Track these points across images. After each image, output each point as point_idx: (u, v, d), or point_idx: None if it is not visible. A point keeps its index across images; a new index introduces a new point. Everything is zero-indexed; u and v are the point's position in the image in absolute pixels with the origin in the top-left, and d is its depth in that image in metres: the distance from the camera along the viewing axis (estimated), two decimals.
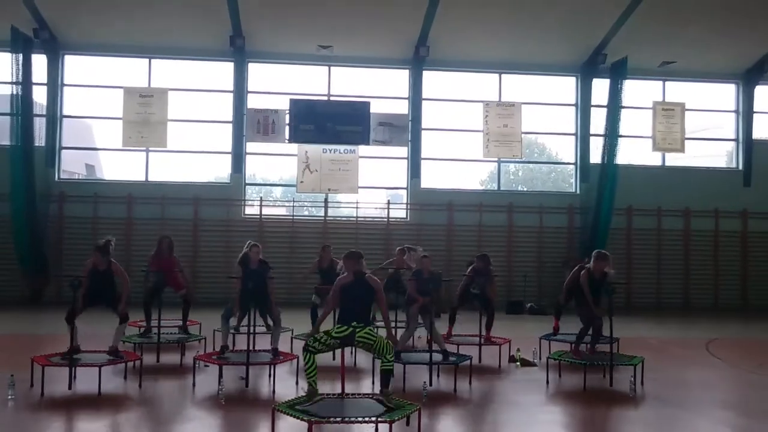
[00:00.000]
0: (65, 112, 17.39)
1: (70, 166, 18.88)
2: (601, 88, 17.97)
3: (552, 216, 17.82)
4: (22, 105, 16.01)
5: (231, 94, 17.50)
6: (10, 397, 7.03)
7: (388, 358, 6.30)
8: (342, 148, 17.32)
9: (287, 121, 17.17)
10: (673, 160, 19.50)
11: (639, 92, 18.33)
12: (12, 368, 7.62)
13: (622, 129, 17.66)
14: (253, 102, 17.57)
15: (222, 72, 17.60)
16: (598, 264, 9.02)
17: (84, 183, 18.71)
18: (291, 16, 16.18)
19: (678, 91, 18.82)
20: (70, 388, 7.59)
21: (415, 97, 17.88)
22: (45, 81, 16.85)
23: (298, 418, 5.75)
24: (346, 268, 6.71)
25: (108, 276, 8.34)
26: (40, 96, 16.84)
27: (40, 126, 16.63)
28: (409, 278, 9.56)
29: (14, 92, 16.00)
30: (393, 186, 18.70)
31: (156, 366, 9.02)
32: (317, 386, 6.24)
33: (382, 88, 18.16)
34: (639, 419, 7.41)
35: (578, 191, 18.42)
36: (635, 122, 18.22)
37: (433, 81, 18.14)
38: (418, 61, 17.57)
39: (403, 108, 17.99)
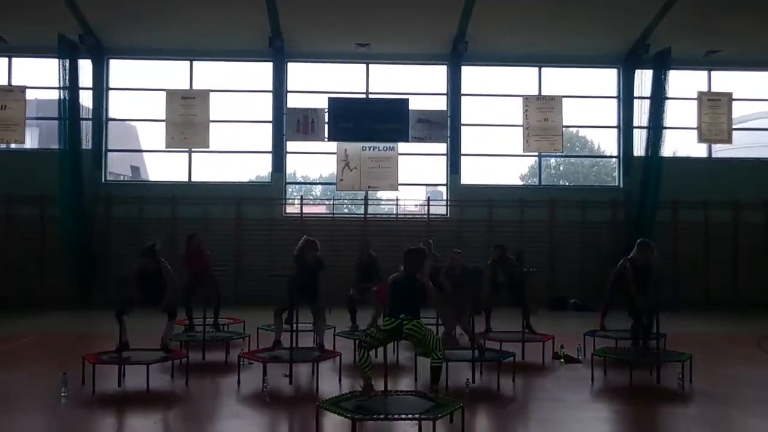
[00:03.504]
0: (111, 115, 17.78)
1: (116, 168, 19.30)
2: (644, 79, 17.61)
3: (595, 211, 17.53)
4: (70, 109, 16.43)
5: (271, 94, 17.66)
6: (63, 394, 7.24)
7: (438, 355, 6.29)
8: (381, 145, 17.33)
9: (326, 119, 17.27)
10: (720, 151, 19.03)
11: (683, 83, 17.91)
12: (64, 367, 7.83)
13: (667, 120, 17.31)
14: (292, 101, 17.70)
15: (262, 72, 17.77)
16: (641, 253, 8.87)
17: (129, 184, 19.16)
18: (328, 15, 16.24)
19: (724, 80, 18.32)
20: (119, 385, 7.78)
21: (454, 93, 17.79)
22: (91, 85, 17.24)
23: (342, 415, 5.79)
24: (405, 264, 6.58)
25: (156, 278, 8.46)
26: (86, 100, 17.24)
27: (86, 129, 17.03)
28: (443, 275, 9.56)
29: (62, 97, 16.43)
30: (433, 182, 18.64)
31: (202, 363, 9.18)
32: (372, 381, 6.22)
33: (420, 84, 18.11)
34: (687, 416, 7.26)
35: (622, 185, 18.10)
36: (680, 113, 17.81)
37: (472, 76, 18.02)
38: (456, 56, 17.48)
39: (441, 104, 17.91)
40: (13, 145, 17.44)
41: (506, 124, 17.82)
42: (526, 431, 6.83)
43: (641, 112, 17.68)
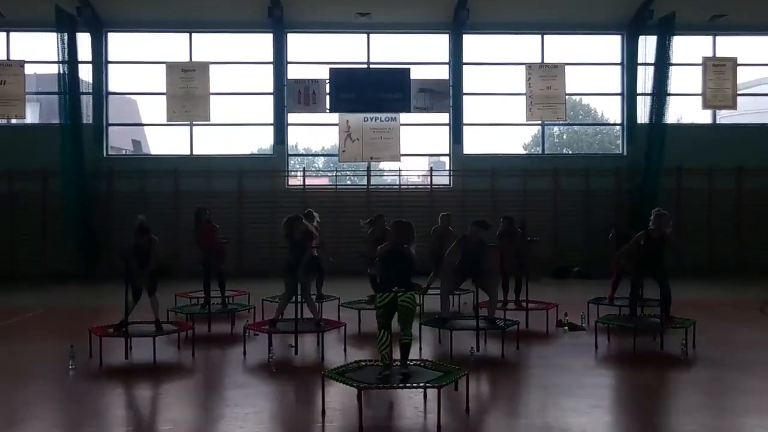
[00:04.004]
0: (111, 89, 17.67)
1: (118, 142, 19.22)
2: (648, 45, 17.42)
3: (599, 179, 17.46)
4: (69, 83, 16.33)
5: (271, 66, 17.52)
6: (71, 366, 7.30)
7: (408, 332, 6.33)
8: (383, 116, 17.23)
9: (327, 90, 17.14)
10: (725, 117, 18.87)
11: (688, 48, 17.68)
12: (70, 340, 7.89)
13: (671, 87, 17.15)
14: (293, 72, 17.56)
15: (261, 43, 17.61)
16: (659, 224, 8.72)
17: (131, 158, 19.10)
18: None
19: (729, 45, 18.08)
20: (126, 357, 7.84)
21: (456, 62, 17.62)
22: (90, 59, 17.09)
23: (347, 384, 5.83)
24: (394, 236, 6.61)
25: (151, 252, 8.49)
26: (85, 74, 17.10)
27: (87, 104, 16.93)
28: (454, 244, 9.51)
29: (61, 71, 16.31)
30: (435, 153, 18.57)
31: (208, 336, 9.24)
32: (389, 359, 6.19)
33: (421, 53, 17.92)
34: (691, 381, 7.30)
35: (625, 152, 17.99)
36: (684, 79, 17.63)
37: (474, 45, 17.82)
38: (457, 24, 17.28)
39: (443, 73, 17.75)
40: (13, 121, 17.37)
41: (509, 93, 17.70)
42: (530, 397, 6.87)
43: (645, 79, 17.53)
